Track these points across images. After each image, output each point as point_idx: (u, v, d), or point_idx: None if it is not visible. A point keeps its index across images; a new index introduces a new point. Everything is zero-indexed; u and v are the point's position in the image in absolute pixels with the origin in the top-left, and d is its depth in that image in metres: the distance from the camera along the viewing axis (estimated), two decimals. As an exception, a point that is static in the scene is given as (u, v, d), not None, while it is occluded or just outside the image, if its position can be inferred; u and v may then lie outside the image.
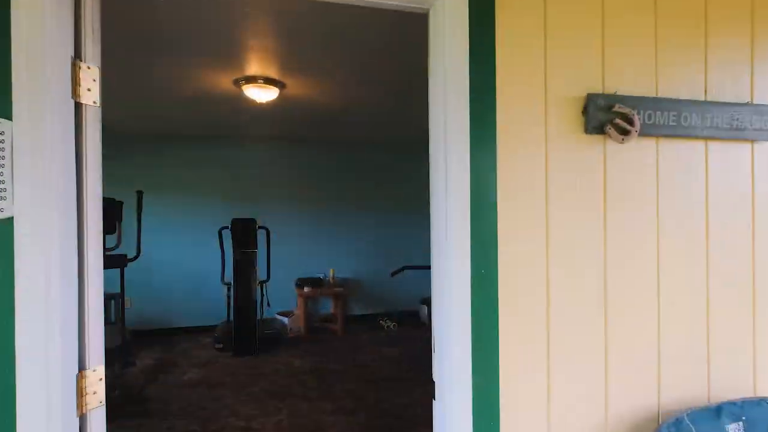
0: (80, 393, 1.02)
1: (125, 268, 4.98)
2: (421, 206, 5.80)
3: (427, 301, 4.72)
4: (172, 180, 5.18)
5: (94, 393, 1.06)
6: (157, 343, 4.81)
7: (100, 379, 1.08)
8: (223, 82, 3.11)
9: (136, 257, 3.58)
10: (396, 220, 5.93)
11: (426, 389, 3.48)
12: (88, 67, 1.06)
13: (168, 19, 2.26)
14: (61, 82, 0.99)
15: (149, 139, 5.11)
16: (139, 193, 3.63)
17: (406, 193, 5.95)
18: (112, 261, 3.47)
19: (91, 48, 1.08)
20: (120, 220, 3.53)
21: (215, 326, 5.13)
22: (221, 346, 4.54)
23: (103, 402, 1.09)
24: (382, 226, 5.88)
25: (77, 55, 1.04)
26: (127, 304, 5.05)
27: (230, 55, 2.70)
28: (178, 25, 2.32)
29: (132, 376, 3.86)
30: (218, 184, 5.32)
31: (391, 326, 5.37)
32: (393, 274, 3.73)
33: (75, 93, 1.03)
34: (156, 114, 4.08)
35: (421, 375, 3.81)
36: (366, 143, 5.78)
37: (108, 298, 4.36)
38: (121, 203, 3.49)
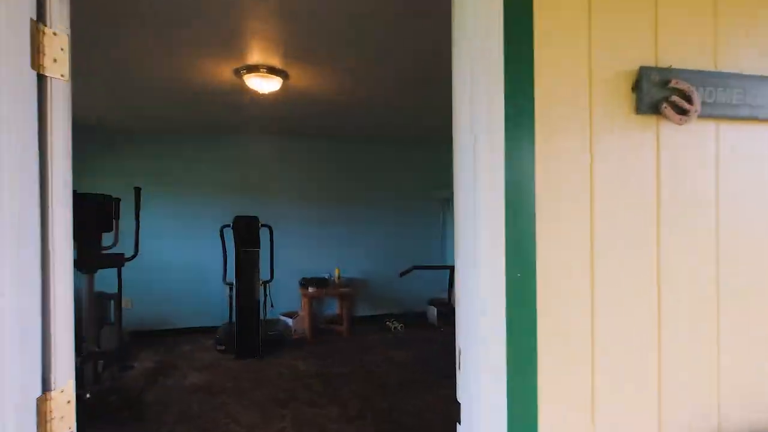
0: (43, 419, 0.86)
1: (123, 268, 4.86)
2: (430, 204, 5.61)
3: (436, 302, 4.55)
4: (173, 177, 5.04)
5: (62, 418, 0.90)
6: (158, 345, 4.67)
7: (69, 402, 0.92)
8: (224, 71, 2.95)
9: (133, 256, 3.44)
10: (404, 218, 5.75)
11: (437, 393, 3.30)
12: (54, 33, 0.90)
13: (164, 1, 2.10)
14: (18, 47, 0.82)
15: (148, 135, 4.97)
16: (137, 190, 3.48)
17: (414, 191, 5.78)
18: (109, 260, 3.33)
19: (58, 11, 0.92)
20: (117, 217, 3.38)
21: (217, 327, 5.00)
22: (223, 348, 4.39)
23: (74, 428, 0.93)
24: (389, 224, 5.71)
25: (40, 18, 0.88)
26: (127, 305, 4.92)
27: (231, 42, 2.54)
28: (176, 8, 2.16)
29: (131, 379, 3.72)
30: (220, 181, 5.17)
31: (399, 328, 5.20)
32: (402, 274, 3.56)
33: (37, 63, 0.87)
34: (153, 108, 3.93)
35: (431, 378, 3.64)
36: (373, 138, 5.60)
37: (106, 298, 4.23)
38: (118, 200, 3.34)
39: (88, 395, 3.00)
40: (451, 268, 3.73)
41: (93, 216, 3.09)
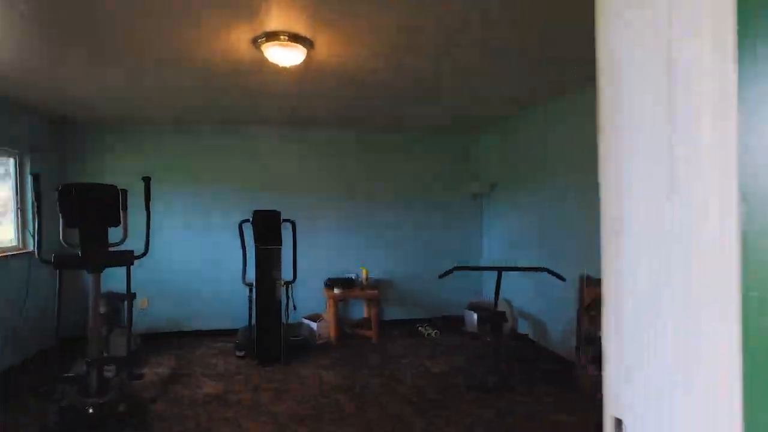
0: None
1: (137, 266, 4.56)
2: (466, 199, 5.11)
3: (476, 307, 4.08)
4: (189, 170, 4.73)
5: None
6: (174, 348, 4.37)
7: None
8: (240, 41, 2.56)
9: (144, 254, 3.11)
10: (436, 214, 5.29)
11: (482, 414, 2.83)
12: None
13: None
14: None
15: (161, 125, 4.67)
16: (147, 180, 3.13)
17: (448, 185, 5.30)
18: (117, 258, 3.00)
19: None
20: (125, 210, 3.05)
21: (238, 330, 4.67)
22: (243, 353, 4.04)
23: None
24: (420, 221, 5.26)
25: None
26: (144, 305, 4.64)
27: (248, 3, 2.14)
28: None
29: (141, 386, 3.40)
30: (240, 174, 4.83)
31: (433, 334, 4.75)
32: (442, 276, 3.11)
33: None
34: (163, 92, 3.59)
35: (474, 394, 3.17)
36: (402, 128, 5.16)
37: (118, 299, 3.95)
38: (125, 191, 3.01)
39: (90, 410, 2.67)
40: (499, 270, 3.26)
41: (96, 209, 2.76)
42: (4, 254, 3.61)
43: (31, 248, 3.96)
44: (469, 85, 3.45)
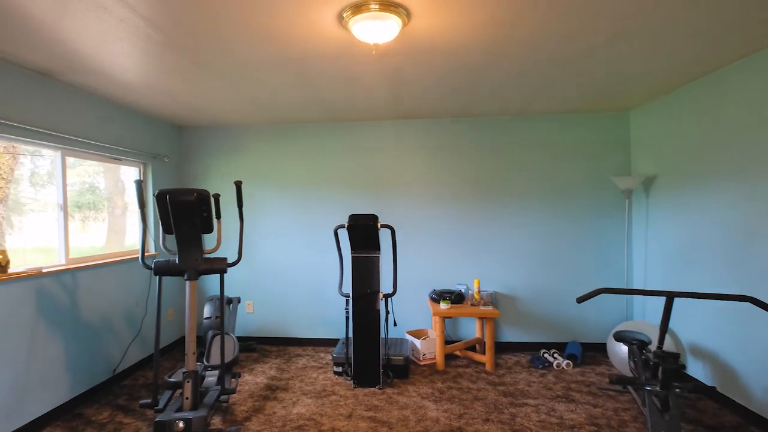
0: None
1: (242, 270, 4.57)
2: (608, 198, 4.06)
3: (625, 338, 3.11)
4: (287, 173, 4.61)
5: None
6: (275, 356, 4.27)
7: None
8: (324, 20, 2.16)
9: (237, 261, 2.95)
10: (567, 216, 4.34)
11: None
12: None
13: None
14: None
15: (261, 127, 4.63)
16: (238, 184, 2.96)
17: (583, 180, 4.31)
18: (212, 265, 2.88)
19: None
20: (218, 216, 2.92)
21: (338, 341, 4.42)
22: (340, 370, 3.73)
23: None
24: (546, 225, 4.36)
25: None
26: (249, 309, 4.67)
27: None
28: None
29: (238, 398, 3.28)
30: (338, 174, 4.56)
31: (564, 365, 3.85)
32: (581, 299, 2.33)
33: None
34: (258, 91, 3.42)
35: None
36: (523, 114, 4.34)
37: (226, 303, 3.96)
38: (217, 196, 2.87)
39: (181, 424, 2.55)
40: (670, 295, 2.32)
41: (189, 214, 2.64)
42: (130, 257, 3.84)
43: (153, 251, 4.22)
44: (626, 51, 2.56)
